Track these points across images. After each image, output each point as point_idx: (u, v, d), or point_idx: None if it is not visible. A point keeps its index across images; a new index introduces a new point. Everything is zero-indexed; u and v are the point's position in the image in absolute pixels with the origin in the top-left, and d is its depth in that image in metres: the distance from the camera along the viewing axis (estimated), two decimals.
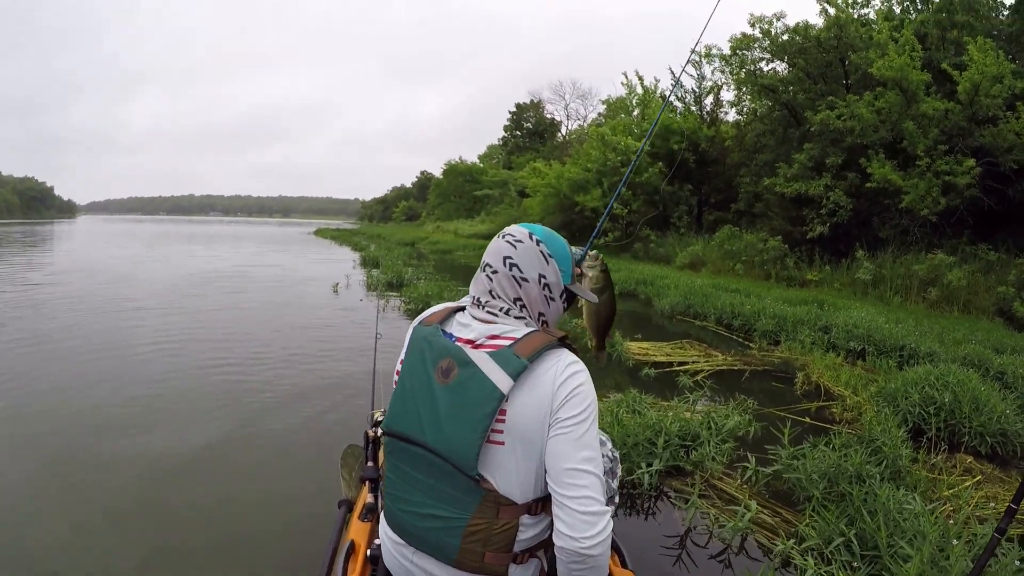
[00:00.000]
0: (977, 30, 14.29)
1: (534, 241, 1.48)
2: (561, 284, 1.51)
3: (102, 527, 3.07)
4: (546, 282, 1.48)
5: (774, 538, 2.97)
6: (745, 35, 17.80)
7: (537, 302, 1.48)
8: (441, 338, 1.43)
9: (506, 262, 1.46)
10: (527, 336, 1.37)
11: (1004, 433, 4.39)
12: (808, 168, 14.94)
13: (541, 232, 1.51)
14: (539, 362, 1.33)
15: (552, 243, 1.51)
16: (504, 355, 1.33)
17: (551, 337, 1.38)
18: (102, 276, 14.31)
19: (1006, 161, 12.09)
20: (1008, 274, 10.96)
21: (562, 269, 1.50)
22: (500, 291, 1.46)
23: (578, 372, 1.35)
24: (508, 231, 1.51)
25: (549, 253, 1.48)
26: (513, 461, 1.32)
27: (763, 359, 7.09)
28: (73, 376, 5.66)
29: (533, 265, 1.46)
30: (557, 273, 1.49)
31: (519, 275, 1.45)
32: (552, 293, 1.50)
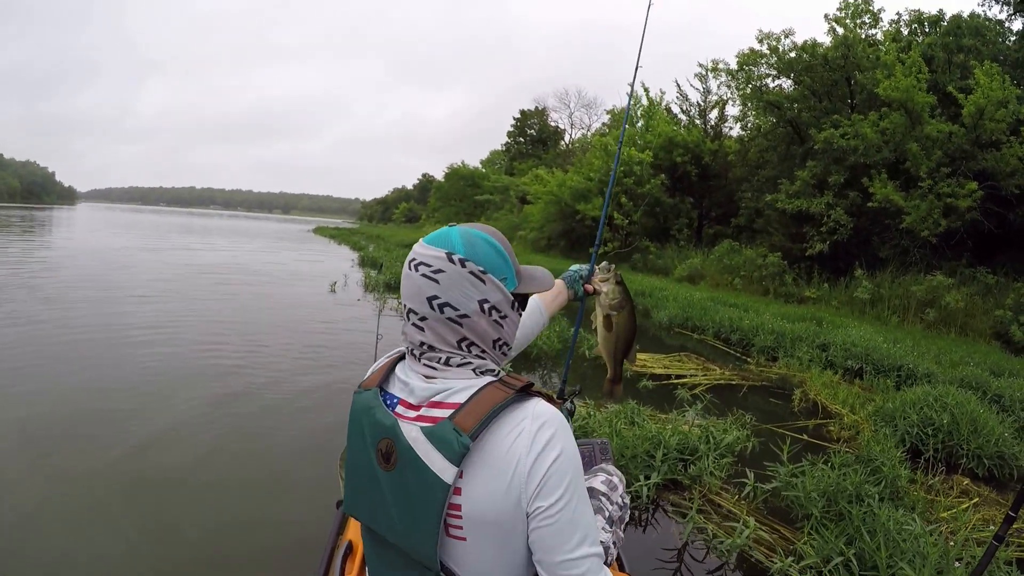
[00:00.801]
0: (983, 54, 14.40)
1: (457, 263, 1.15)
2: (509, 296, 1.22)
3: (96, 521, 3.04)
4: (491, 305, 1.18)
5: (772, 555, 2.95)
6: (752, 51, 17.89)
7: (488, 332, 1.20)
8: (379, 411, 1.18)
9: (433, 304, 1.16)
10: (474, 397, 1.10)
11: (1001, 456, 4.39)
12: (810, 185, 14.99)
13: (460, 243, 1.17)
14: (492, 434, 1.07)
15: (478, 251, 1.18)
16: (442, 432, 1.07)
17: (506, 392, 1.11)
18: (101, 267, 14.25)
19: (1007, 185, 12.14)
20: (1006, 298, 10.99)
21: (503, 276, 1.21)
22: (437, 340, 1.18)
23: (550, 440, 1.08)
24: (418, 255, 1.18)
25: (481, 269, 1.16)
26: (483, 557, 1.12)
27: (761, 375, 7.08)
28: (69, 371, 5.63)
29: (468, 294, 1.16)
30: (499, 286, 1.19)
31: (455, 315, 1.16)
32: (503, 311, 1.21)
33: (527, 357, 7.00)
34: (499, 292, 1.19)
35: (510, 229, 32.61)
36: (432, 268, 1.15)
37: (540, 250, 25.71)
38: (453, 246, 1.17)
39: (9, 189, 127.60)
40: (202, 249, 23.03)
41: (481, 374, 1.18)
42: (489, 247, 1.20)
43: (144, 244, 23.17)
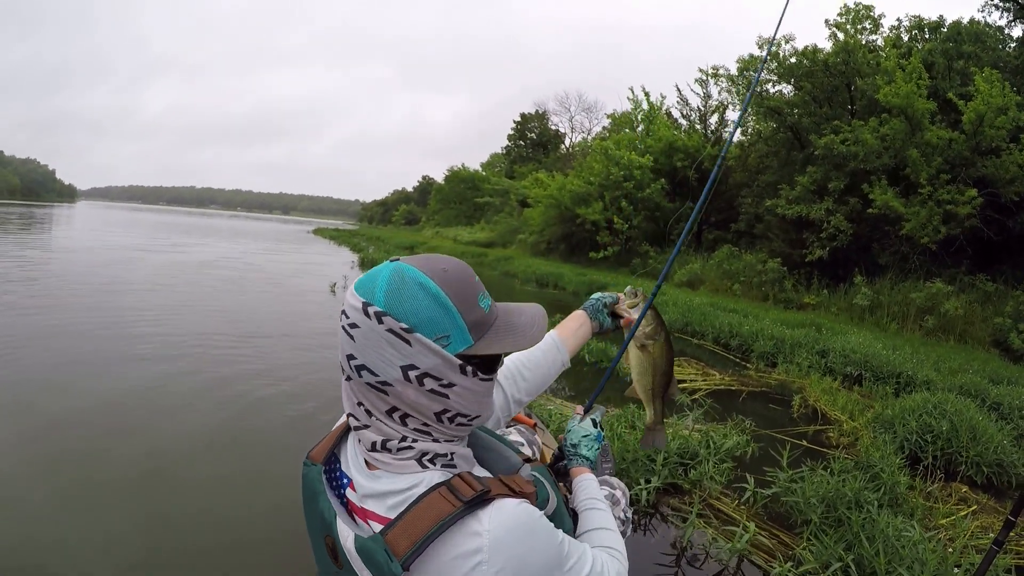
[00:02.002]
0: (984, 61, 14.43)
1: (373, 317, 0.92)
2: (452, 359, 0.95)
3: (95, 515, 3.04)
4: (420, 373, 0.93)
5: (771, 560, 2.96)
6: (753, 56, 17.93)
7: (423, 404, 0.96)
8: (322, 499, 1.03)
9: (352, 364, 0.96)
10: (412, 509, 0.91)
11: (1000, 463, 4.40)
12: (810, 191, 15.01)
13: (383, 291, 0.93)
14: (429, 561, 0.89)
15: (405, 302, 0.92)
16: (372, 552, 0.90)
17: (451, 504, 0.90)
18: (97, 265, 14.24)
19: (1007, 193, 12.17)
20: (1005, 305, 11.00)
21: (442, 335, 0.94)
22: (368, 405, 0.98)
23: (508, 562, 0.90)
24: (345, 301, 0.98)
25: (405, 327, 0.92)
26: None
27: (760, 380, 7.09)
28: (70, 369, 5.63)
29: (386, 358, 0.93)
30: (433, 349, 0.93)
31: (375, 381, 0.94)
32: (443, 378, 0.95)
33: None
34: (432, 356, 0.93)
35: (510, 232, 32.65)
36: (349, 320, 0.94)
37: (540, 254, 25.73)
38: (374, 295, 0.93)
39: (9, 186, 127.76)
40: (201, 248, 23.01)
41: (429, 463, 0.98)
42: (424, 295, 0.93)
43: (143, 243, 23.15)
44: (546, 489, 1.13)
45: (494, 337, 1.00)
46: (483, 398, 1.02)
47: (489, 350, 0.99)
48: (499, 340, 1.00)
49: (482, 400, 1.02)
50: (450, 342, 0.95)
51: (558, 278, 17.51)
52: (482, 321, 0.99)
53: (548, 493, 1.13)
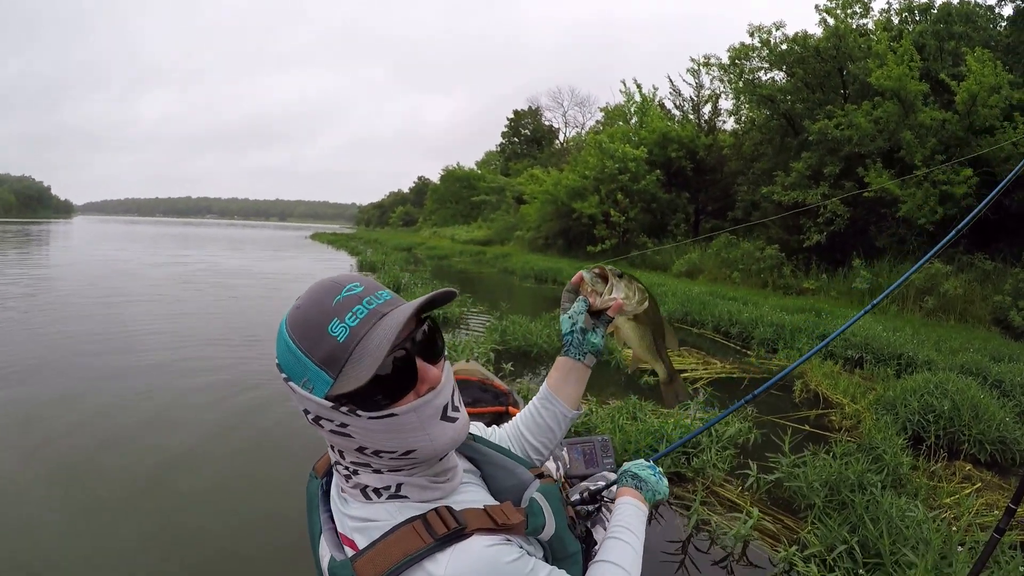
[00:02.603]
0: (975, 41, 14.40)
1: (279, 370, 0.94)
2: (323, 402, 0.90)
3: (98, 528, 3.05)
4: (313, 416, 0.92)
5: (776, 545, 2.96)
6: (744, 44, 17.92)
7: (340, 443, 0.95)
8: (314, 513, 1.06)
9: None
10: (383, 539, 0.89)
11: (1003, 440, 4.40)
12: (806, 177, 15.02)
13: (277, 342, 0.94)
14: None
15: (280, 353, 0.93)
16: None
17: (422, 540, 0.87)
18: (96, 278, 14.24)
19: (1003, 171, 12.10)
20: (1004, 283, 11.00)
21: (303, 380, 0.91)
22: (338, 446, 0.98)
23: None
24: None
25: (284, 377, 0.93)
26: None
27: (761, 367, 7.09)
28: (74, 383, 5.63)
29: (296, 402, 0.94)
30: (304, 395, 0.90)
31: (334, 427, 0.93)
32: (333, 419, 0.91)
33: (527, 355, 7.01)
34: (308, 401, 0.90)
35: (507, 229, 32.65)
36: None
37: (538, 250, 25.73)
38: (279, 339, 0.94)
39: (5, 204, 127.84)
40: (199, 258, 23.02)
41: (373, 494, 0.96)
42: (281, 343, 0.92)
43: (141, 256, 23.15)
44: (543, 516, 1.06)
45: (348, 371, 0.88)
46: (398, 433, 0.91)
47: (346, 388, 0.88)
48: (353, 373, 0.88)
49: (399, 435, 0.91)
50: (313, 386, 0.89)
51: (557, 273, 17.51)
52: (334, 355, 0.88)
53: (545, 520, 1.06)
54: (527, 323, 7.81)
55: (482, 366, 3.22)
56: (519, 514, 0.99)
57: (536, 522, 1.03)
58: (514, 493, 1.12)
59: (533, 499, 1.09)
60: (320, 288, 0.94)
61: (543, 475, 1.21)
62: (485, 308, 10.73)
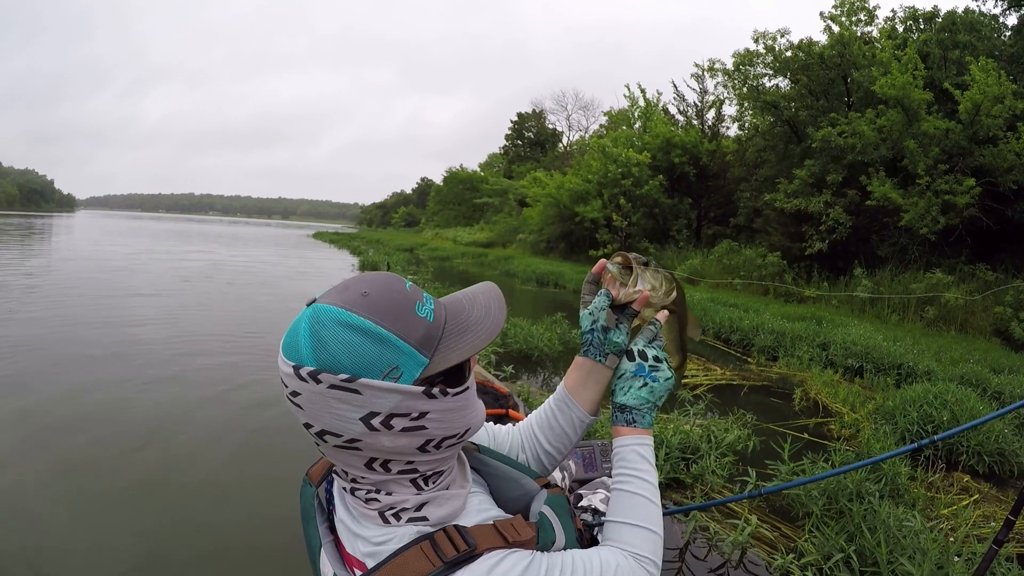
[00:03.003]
0: (979, 50, 14.43)
1: (309, 379, 0.82)
2: (414, 389, 0.85)
3: (99, 524, 3.06)
4: (384, 417, 0.84)
5: (774, 553, 2.97)
6: (748, 51, 17.95)
7: (400, 445, 0.87)
8: (311, 524, 1.00)
9: (312, 432, 0.87)
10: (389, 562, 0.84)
11: (1001, 452, 4.40)
12: (808, 184, 15.03)
13: (309, 348, 0.82)
14: None
15: (333, 351, 0.82)
16: None
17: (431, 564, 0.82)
18: (100, 272, 14.26)
19: (1006, 181, 12.16)
20: (1006, 294, 11.00)
21: (390, 367, 0.83)
22: (345, 465, 0.91)
23: None
24: (279, 366, 0.86)
25: (345, 377, 0.81)
26: None
27: (761, 374, 7.10)
28: (82, 372, 5.65)
29: (341, 416, 0.83)
30: (388, 388, 0.83)
31: (341, 441, 0.85)
32: (411, 412, 0.85)
33: (528, 359, 7.02)
34: (391, 394, 0.83)
35: (509, 232, 32.68)
36: (289, 390, 0.85)
37: (540, 253, 25.76)
38: (300, 354, 0.83)
39: (8, 197, 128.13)
40: (202, 255, 23.03)
41: (394, 517, 0.91)
42: (352, 334, 0.82)
43: (144, 251, 23.17)
44: (553, 532, 1.00)
45: (449, 344, 0.88)
46: (466, 410, 0.92)
47: (448, 363, 0.87)
48: (456, 347, 0.89)
49: (466, 412, 0.92)
50: (402, 372, 0.84)
51: (558, 276, 17.53)
52: (430, 334, 0.87)
53: (555, 535, 1.00)
54: (528, 326, 7.82)
55: (483, 368, 3.24)
56: (530, 529, 0.95)
57: (547, 538, 0.98)
58: (521, 503, 1.10)
59: (542, 513, 1.03)
60: (383, 277, 0.91)
61: (549, 485, 1.15)
62: None
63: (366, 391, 0.82)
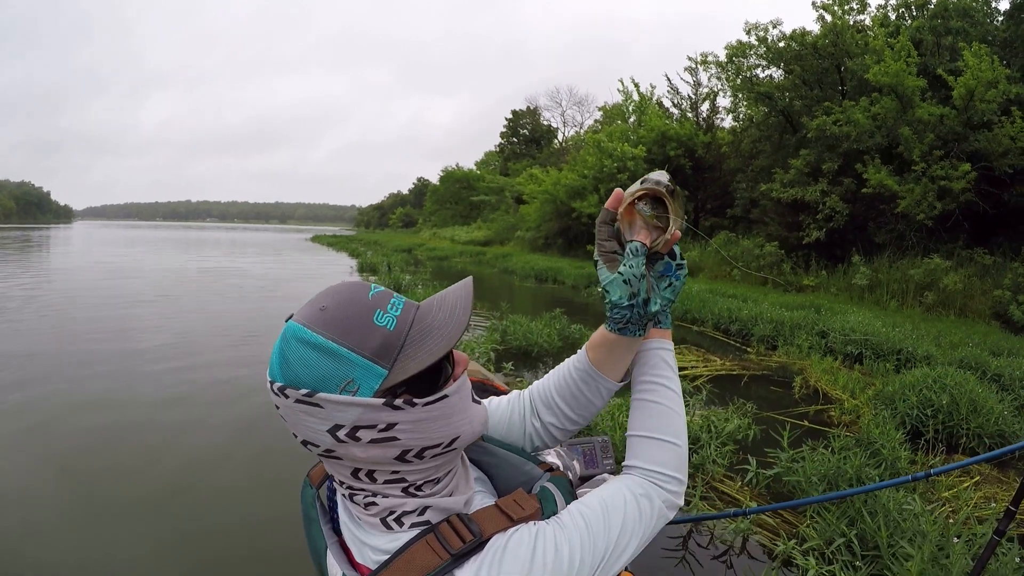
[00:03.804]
0: (972, 36, 14.43)
1: (279, 394, 0.84)
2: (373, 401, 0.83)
3: (115, 531, 3.08)
4: (348, 430, 0.83)
5: (775, 539, 2.99)
6: (741, 42, 17.93)
7: (376, 456, 0.86)
8: (314, 525, 1.00)
9: (299, 440, 0.87)
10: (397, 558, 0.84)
11: (1002, 434, 4.43)
12: (804, 174, 15.03)
13: (278, 364, 0.84)
14: None
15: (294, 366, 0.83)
16: None
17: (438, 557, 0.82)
18: (104, 280, 14.28)
19: (1001, 165, 12.17)
20: (1004, 278, 11.01)
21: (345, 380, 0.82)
22: (335, 472, 0.91)
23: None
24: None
25: (306, 392, 0.82)
26: None
27: (761, 364, 7.11)
28: (87, 386, 5.67)
29: (312, 428, 0.84)
30: (345, 401, 0.82)
31: (321, 451, 0.86)
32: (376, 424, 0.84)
33: (528, 355, 7.03)
34: (350, 408, 0.83)
35: (507, 229, 32.67)
36: (274, 402, 0.87)
37: (538, 249, 25.76)
38: (273, 370, 0.85)
39: (5, 210, 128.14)
40: (203, 262, 23.05)
41: (395, 523, 0.90)
42: (309, 351, 0.83)
43: (144, 261, 23.19)
44: (555, 502, 0.99)
45: (409, 353, 0.85)
46: (448, 419, 0.89)
47: (407, 372, 0.84)
48: (415, 355, 0.85)
49: (448, 421, 0.89)
50: (359, 386, 0.83)
51: (557, 272, 17.53)
52: (388, 343, 0.85)
53: (557, 507, 0.99)
54: (527, 323, 7.83)
55: (481, 367, 3.25)
56: (533, 501, 0.94)
57: (550, 509, 0.96)
58: (524, 488, 1.06)
59: (544, 487, 1.03)
60: (345, 288, 0.89)
61: (552, 469, 1.14)
62: (485, 308, 10.75)
63: (326, 404, 0.82)
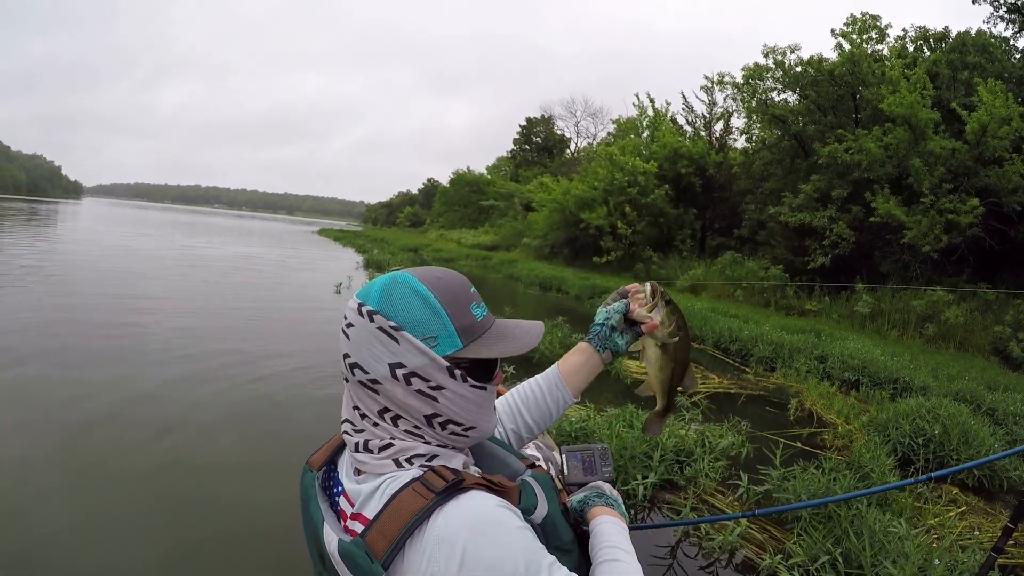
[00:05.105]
0: (988, 72, 14.55)
1: (365, 316, 0.97)
2: (440, 361, 0.98)
3: (100, 512, 3.15)
4: (407, 371, 0.96)
5: (762, 553, 3.05)
6: (758, 65, 18.06)
7: (411, 405, 0.98)
8: (312, 505, 1.04)
9: (346, 363, 1.00)
10: (387, 507, 0.90)
11: (991, 467, 4.48)
12: (813, 199, 15.12)
13: (378, 293, 0.99)
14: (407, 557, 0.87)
15: (396, 303, 0.98)
16: (353, 555, 0.90)
17: (424, 497, 0.89)
18: (105, 263, 14.36)
19: (1009, 202, 12.25)
20: (1006, 314, 11.06)
21: (430, 335, 0.98)
22: (363, 407, 1.01)
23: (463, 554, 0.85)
24: (347, 305, 1.02)
25: (393, 325, 0.96)
26: None
27: (758, 384, 7.17)
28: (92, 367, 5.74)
29: (376, 355, 0.97)
30: (420, 348, 0.96)
31: (366, 378, 0.98)
32: (431, 380, 0.98)
33: (528, 361, 7.09)
34: (419, 355, 0.96)
35: (514, 236, 32.74)
36: (347, 321, 1.00)
37: (544, 258, 25.82)
38: (369, 296, 0.99)
39: (15, 182, 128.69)
40: (212, 249, 23.14)
41: (407, 462, 0.98)
42: (415, 299, 0.98)
43: (155, 242, 23.29)
44: (535, 496, 1.08)
45: (484, 342, 1.03)
46: (478, 408, 1.03)
47: (478, 354, 1.01)
48: (489, 345, 1.03)
49: (477, 410, 1.03)
50: (438, 343, 0.98)
51: (561, 282, 17.58)
52: (472, 327, 1.02)
53: (537, 500, 1.08)
54: None
55: None
56: (514, 486, 1.04)
57: (528, 501, 1.06)
58: None
59: (525, 480, 1.12)
60: (455, 275, 1.06)
61: (534, 465, 1.25)
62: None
63: (403, 343, 0.96)
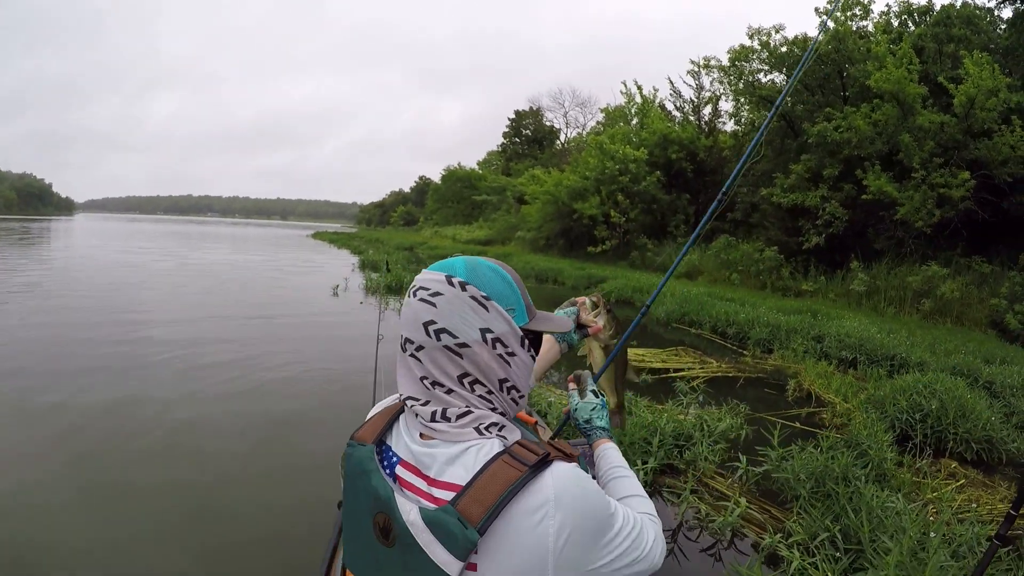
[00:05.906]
0: (974, 44, 14.51)
1: (456, 286, 1.04)
2: (517, 329, 1.08)
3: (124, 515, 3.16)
4: (495, 336, 1.05)
5: (762, 533, 3.07)
6: (743, 46, 18.01)
7: (492, 369, 1.06)
8: (375, 476, 1.04)
9: (430, 330, 1.03)
10: (480, 476, 0.94)
11: (989, 440, 4.51)
12: (805, 179, 15.09)
13: (463, 268, 1.07)
14: (504, 523, 0.91)
15: (483, 277, 1.07)
16: (444, 522, 0.92)
17: (518, 469, 0.94)
18: (100, 270, 14.34)
19: (1000, 174, 12.23)
20: (1001, 287, 11.08)
21: (510, 307, 1.08)
22: (437, 374, 1.04)
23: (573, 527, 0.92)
24: (418, 281, 1.08)
25: (484, 295, 1.05)
26: None
27: (756, 367, 7.19)
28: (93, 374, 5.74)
29: (468, 321, 1.04)
30: (505, 316, 1.06)
31: (453, 343, 1.03)
32: (509, 346, 1.07)
33: None
34: (505, 323, 1.06)
35: (508, 229, 32.71)
36: (430, 291, 1.04)
37: (539, 250, 25.81)
38: (455, 270, 1.06)
39: (6, 201, 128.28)
40: (207, 256, 23.11)
41: (487, 430, 1.02)
42: (495, 275, 1.09)
43: (148, 254, 23.25)
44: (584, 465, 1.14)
45: (540, 319, 1.17)
46: (529, 377, 1.14)
47: (540, 327, 1.16)
48: (544, 323, 1.18)
49: (529, 378, 1.14)
50: (515, 314, 1.09)
51: (557, 273, 17.61)
52: (531, 306, 1.15)
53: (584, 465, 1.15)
54: None
55: None
56: (576, 450, 1.13)
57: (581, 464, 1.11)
58: None
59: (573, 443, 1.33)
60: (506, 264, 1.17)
61: None
62: None
63: (492, 311, 1.05)
